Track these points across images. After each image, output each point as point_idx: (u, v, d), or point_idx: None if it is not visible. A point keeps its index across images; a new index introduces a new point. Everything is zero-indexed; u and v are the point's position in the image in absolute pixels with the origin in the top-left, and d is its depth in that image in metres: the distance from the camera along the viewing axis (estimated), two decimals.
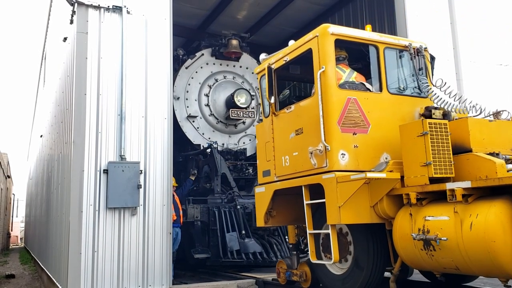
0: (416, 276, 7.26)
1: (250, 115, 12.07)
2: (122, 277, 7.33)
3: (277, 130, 7.08)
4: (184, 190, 10.91)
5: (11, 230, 43.07)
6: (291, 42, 7.08)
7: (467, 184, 4.98)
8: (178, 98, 11.98)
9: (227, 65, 12.83)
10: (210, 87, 12.45)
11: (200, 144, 12.03)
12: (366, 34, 6.65)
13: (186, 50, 13.23)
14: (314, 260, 6.41)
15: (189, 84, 12.28)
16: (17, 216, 49.53)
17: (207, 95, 12.36)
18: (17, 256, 26.23)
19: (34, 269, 16.57)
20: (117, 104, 7.74)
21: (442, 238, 5.02)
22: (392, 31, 11.42)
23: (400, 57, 6.76)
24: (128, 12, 8.04)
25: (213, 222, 10.55)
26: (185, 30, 14.52)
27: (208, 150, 11.51)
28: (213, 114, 12.30)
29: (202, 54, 12.64)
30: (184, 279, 9.90)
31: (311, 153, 6.22)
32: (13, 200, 43.41)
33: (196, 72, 12.43)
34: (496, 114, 5.92)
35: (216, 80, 12.56)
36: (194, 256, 10.30)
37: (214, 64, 12.71)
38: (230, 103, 12.03)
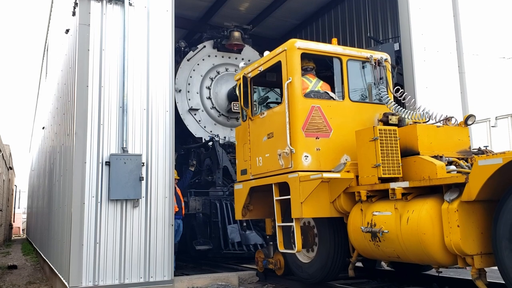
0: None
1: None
2: (124, 268, 7.35)
3: (252, 133, 7.83)
4: (185, 181, 10.97)
5: (13, 221, 43.25)
6: (266, 53, 7.71)
7: (405, 184, 5.75)
8: (179, 91, 11.97)
9: (229, 58, 12.80)
10: (212, 79, 12.43)
11: (201, 137, 12.04)
12: (331, 47, 7.36)
13: (188, 42, 13.20)
14: (282, 249, 7.17)
15: (190, 77, 12.26)
16: (19, 208, 49.74)
17: (209, 88, 12.35)
18: (19, 247, 26.34)
19: (36, 260, 16.65)
20: (119, 96, 7.73)
21: (385, 231, 5.78)
22: (395, 24, 11.39)
23: (363, 67, 7.48)
24: (130, 4, 8.01)
25: (215, 214, 10.61)
26: (187, 22, 14.48)
27: (210, 143, 11.53)
28: (215, 107, 12.29)
29: (204, 46, 12.62)
30: (186, 271, 9.97)
31: (280, 155, 6.94)
32: (15, 192, 43.54)
33: (198, 64, 12.41)
34: (446, 120, 6.51)
35: (218, 73, 12.54)
36: (196, 248, 10.37)
37: (216, 56, 12.69)
38: (232, 96, 12.01)
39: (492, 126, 16.49)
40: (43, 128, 16.75)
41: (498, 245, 4.76)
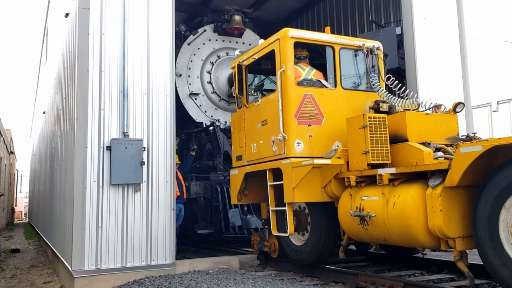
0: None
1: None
2: (126, 252, 7.43)
3: (247, 120, 8.03)
4: (186, 166, 11.02)
5: (16, 206, 43.49)
6: (261, 41, 7.98)
7: (392, 170, 5.96)
8: (180, 75, 11.94)
9: (230, 42, 12.76)
10: (212, 64, 12.40)
11: (202, 122, 12.06)
12: (323, 36, 7.52)
13: (188, 26, 13.14)
14: (275, 233, 7.42)
15: (191, 61, 12.23)
16: (21, 192, 49.98)
17: (209, 72, 12.32)
18: (22, 231, 26.53)
19: (39, 244, 16.79)
20: (119, 80, 7.72)
21: (372, 215, 6.03)
22: (397, 7, 11.30)
23: (355, 55, 7.64)
24: None
25: (216, 198, 10.69)
26: (188, 6, 14.37)
27: (211, 128, 11.53)
28: (215, 92, 12.28)
29: (205, 30, 12.57)
30: (187, 254, 10.08)
31: (273, 141, 7.17)
32: (17, 176, 43.69)
33: (199, 48, 12.37)
34: (435, 108, 6.66)
35: (219, 57, 12.50)
36: (197, 232, 10.48)
37: (216, 40, 12.63)
38: (233, 81, 11.97)
39: (494, 111, 16.48)
40: (44, 112, 16.75)
41: (482, 246, 4.92)
